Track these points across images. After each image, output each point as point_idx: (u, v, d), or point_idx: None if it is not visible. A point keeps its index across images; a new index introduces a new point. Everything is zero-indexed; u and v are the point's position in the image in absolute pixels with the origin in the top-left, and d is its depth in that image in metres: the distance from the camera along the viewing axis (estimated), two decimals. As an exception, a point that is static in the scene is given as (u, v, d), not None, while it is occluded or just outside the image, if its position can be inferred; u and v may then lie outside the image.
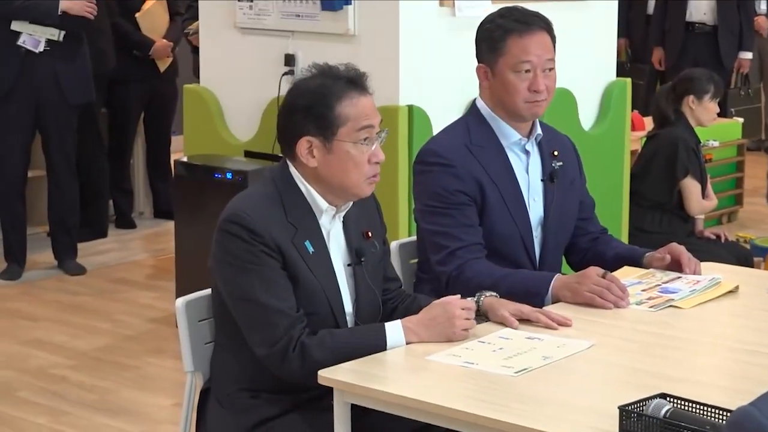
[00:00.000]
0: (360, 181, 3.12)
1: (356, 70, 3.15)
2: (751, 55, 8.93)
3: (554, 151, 3.80)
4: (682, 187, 6.04)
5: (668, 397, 2.54)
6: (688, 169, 6.02)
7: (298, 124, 3.10)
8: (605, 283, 3.40)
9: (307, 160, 3.11)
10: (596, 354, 3.03)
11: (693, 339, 3.21)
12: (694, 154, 6.06)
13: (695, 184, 6.06)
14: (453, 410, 2.69)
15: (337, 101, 3.08)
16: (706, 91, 6.10)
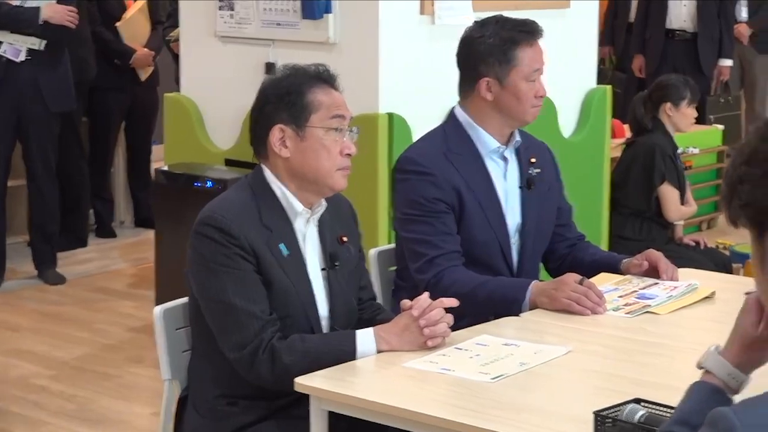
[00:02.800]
0: (332, 170, 3.14)
1: (327, 69, 3.21)
2: (731, 62, 8.96)
3: (532, 158, 3.82)
4: (660, 193, 6.06)
5: (643, 402, 2.55)
6: (665, 175, 6.04)
7: (271, 114, 3.15)
8: (582, 290, 3.41)
9: (279, 150, 3.13)
10: (573, 360, 3.04)
11: (669, 345, 3.23)
12: (672, 160, 6.08)
13: (673, 191, 6.08)
14: (430, 417, 2.69)
15: (308, 89, 3.14)
16: (682, 97, 6.12)
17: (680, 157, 6.37)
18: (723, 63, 8.88)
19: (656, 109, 6.15)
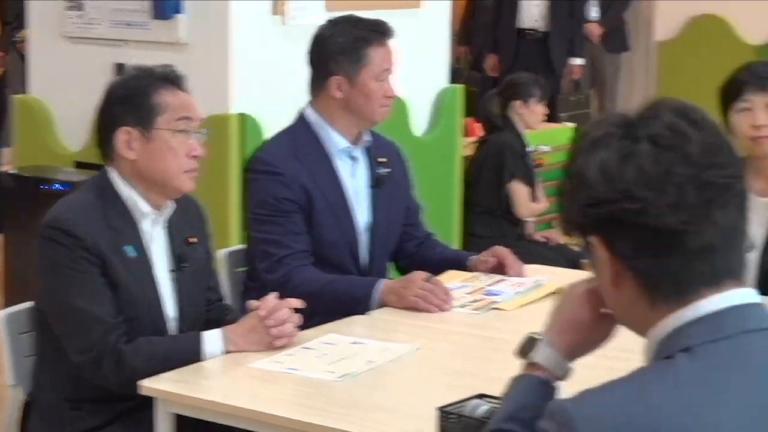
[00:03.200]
0: (179, 172, 3.11)
1: (173, 70, 3.20)
2: (582, 61, 9.09)
3: (381, 157, 3.84)
4: (510, 190, 6.14)
5: (486, 397, 2.58)
6: (514, 173, 6.12)
7: (117, 116, 3.12)
8: (429, 287, 3.44)
9: (125, 153, 3.10)
10: (420, 357, 3.07)
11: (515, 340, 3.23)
12: (521, 158, 6.16)
13: (522, 188, 6.16)
14: (277, 417, 2.69)
15: (155, 91, 3.11)
16: (532, 95, 6.21)
17: (531, 155, 6.45)
18: (574, 62, 9.00)
19: (506, 107, 6.23)
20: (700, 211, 1.67)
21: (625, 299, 1.75)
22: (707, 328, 1.68)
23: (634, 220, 1.68)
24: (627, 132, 1.71)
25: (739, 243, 1.73)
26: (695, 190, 1.67)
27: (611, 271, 1.73)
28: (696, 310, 1.69)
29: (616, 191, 1.68)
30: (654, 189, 1.67)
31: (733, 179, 1.71)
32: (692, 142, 1.69)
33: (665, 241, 1.68)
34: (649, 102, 1.77)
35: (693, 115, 1.73)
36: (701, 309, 1.69)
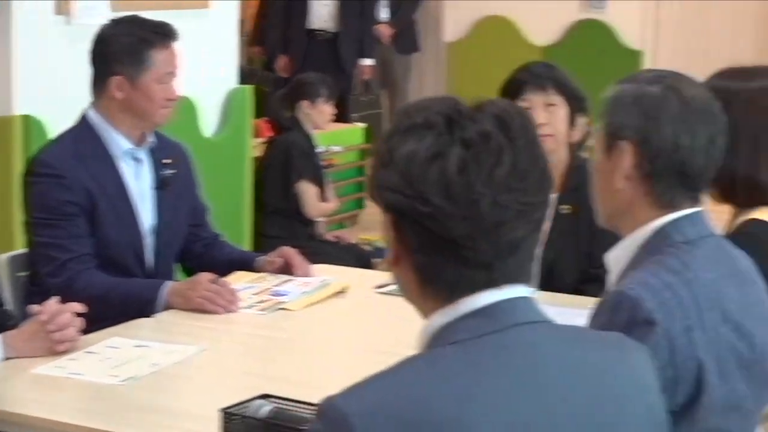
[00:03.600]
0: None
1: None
2: (372, 61, 9.16)
3: (166, 158, 3.81)
4: (298, 191, 6.16)
5: (270, 397, 2.60)
6: (301, 173, 6.14)
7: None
8: (216, 289, 3.44)
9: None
10: (206, 359, 3.06)
11: (302, 340, 3.30)
12: (309, 158, 6.19)
13: (311, 188, 6.19)
14: (59, 423, 2.66)
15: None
16: (319, 95, 6.24)
17: (320, 155, 6.49)
18: (364, 62, 9.07)
19: (294, 107, 6.26)
20: (488, 230, 1.69)
21: (403, 281, 1.78)
22: (476, 322, 1.71)
23: (422, 221, 1.70)
24: (446, 127, 1.71)
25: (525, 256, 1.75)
26: (490, 210, 1.68)
27: (394, 251, 1.76)
28: (466, 305, 1.72)
29: (413, 190, 1.69)
30: (449, 199, 1.68)
31: (531, 207, 1.72)
32: (502, 162, 1.69)
33: (446, 248, 1.70)
34: (479, 99, 1.76)
35: (514, 128, 1.72)
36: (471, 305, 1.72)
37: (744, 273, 2.38)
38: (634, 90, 2.36)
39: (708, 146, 2.33)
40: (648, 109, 2.32)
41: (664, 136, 2.31)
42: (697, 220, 2.35)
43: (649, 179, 2.33)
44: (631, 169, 2.34)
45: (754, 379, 2.33)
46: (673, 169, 2.32)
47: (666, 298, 2.21)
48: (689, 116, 2.32)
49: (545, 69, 3.93)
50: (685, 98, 2.33)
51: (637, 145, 2.33)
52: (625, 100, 2.36)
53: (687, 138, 2.31)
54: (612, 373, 1.79)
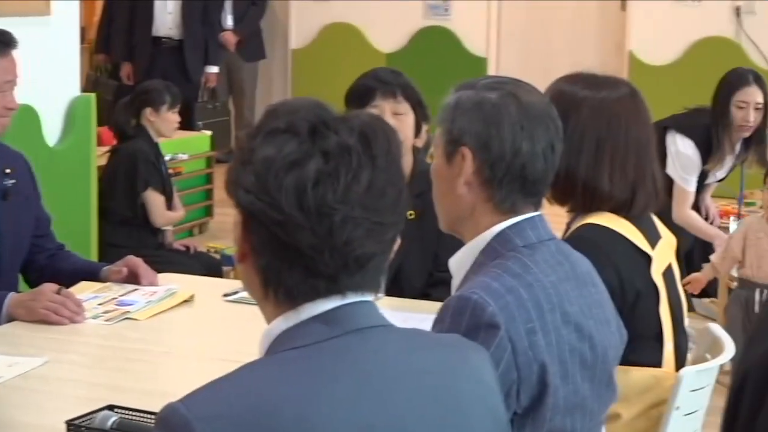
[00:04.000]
0: None
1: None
2: (217, 69, 9.14)
3: (7, 168, 3.76)
4: (145, 199, 6.10)
5: (117, 408, 2.58)
6: (148, 181, 6.09)
7: None
8: (60, 299, 3.39)
9: None
10: (50, 370, 3.01)
11: (148, 350, 3.27)
12: (154, 166, 6.13)
13: (157, 196, 6.13)
14: None
15: None
16: (163, 102, 6.19)
17: (166, 163, 6.44)
18: (209, 70, 9.04)
19: (138, 114, 6.20)
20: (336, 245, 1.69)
21: (247, 279, 1.78)
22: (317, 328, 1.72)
23: (270, 227, 1.70)
24: (309, 136, 1.70)
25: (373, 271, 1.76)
26: (341, 225, 1.69)
27: (240, 249, 1.76)
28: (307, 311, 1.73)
29: (267, 195, 1.69)
30: (302, 210, 1.68)
31: (384, 226, 1.74)
32: (359, 179, 1.69)
33: (292, 256, 1.70)
34: (348, 111, 1.77)
35: (376, 145, 1.73)
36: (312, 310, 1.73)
37: (583, 275, 2.43)
38: (473, 96, 2.39)
39: (547, 152, 2.37)
40: (487, 116, 2.36)
41: (503, 142, 2.35)
42: (537, 224, 2.39)
43: (489, 185, 2.37)
44: (472, 174, 2.38)
45: (597, 380, 2.38)
46: (513, 175, 2.36)
47: (508, 301, 2.25)
48: (528, 122, 2.36)
49: (393, 75, 3.95)
50: (523, 104, 2.37)
51: (477, 151, 2.36)
52: (464, 107, 2.39)
53: (527, 144, 2.35)
54: (454, 375, 1.82)
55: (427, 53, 10.19)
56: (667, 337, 2.97)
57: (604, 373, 2.41)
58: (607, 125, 2.97)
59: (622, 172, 2.97)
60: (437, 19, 10.32)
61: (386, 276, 3.71)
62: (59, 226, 4.04)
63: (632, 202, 2.98)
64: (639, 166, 2.99)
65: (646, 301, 2.94)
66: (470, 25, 10.24)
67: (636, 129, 3.00)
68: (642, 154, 3.00)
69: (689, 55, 9.48)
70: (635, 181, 2.98)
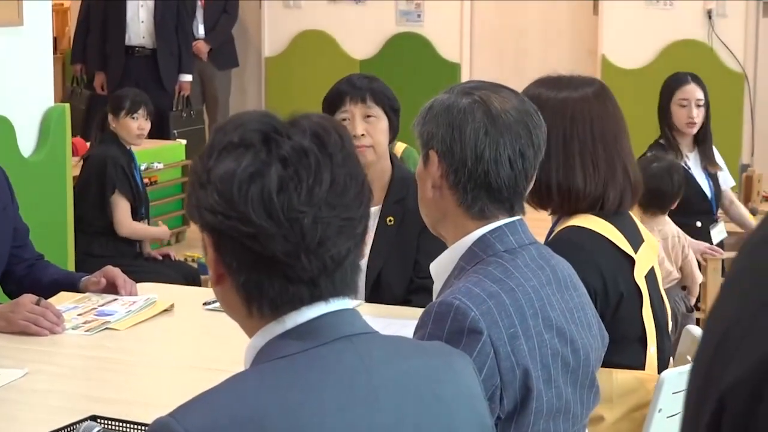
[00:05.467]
0: None
1: None
2: (190, 77, 9.11)
3: (-17, 181, 3.75)
4: (112, 204, 6.03)
5: (99, 418, 2.57)
6: (114, 185, 6.02)
7: None
8: (39, 310, 3.38)
9: None
10: (30, 382, 3.00)
11: (129, 360, 3.26)
12: (124, 171, 6.07)
13: (123, 202, 6.04)
14: None
15: None
16: (121, 108, 6.13)
17: (140, 172, 6.39)
18: (183, 78, 9.02)
19: (104, 121, 6.19)
20: (310, 248, 1.69)
21: (227, 300, 1.77)
22: (302, 337, 1.71)
23: (243, 241, 1.69)
24: (263, 145, 1.69)
25: (350, 270, 1.75)
26: (311, 227, 1.68)
27: (215, 272, 1.74)
28: (291, 320, 1.72)
29: (234, 210, 1.68)
30: (270, 218, 1.67)
31: (352, 221, 1.73)
32: (321, 179, 1.69)
33: (269, 267, 1.69)
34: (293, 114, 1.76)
35: (330, 143, 1.72)
36: (296, 320, 1.72)
37: (564, 279, 2.44)
38: (445, 101, 2.40)
39: (515, 159, 2.36)
40: (453, 120, 2.37)
41: (465, 147, 2.35)
42: (517, 229, 2.40)
43: (455, 189, 2.38)
44: (439, 178, 2.39)
45: (580, 384, 2.39)
46: (477, 181, 2.36)
47: (490, 306, 2.26)
48: (493, 128, 2.35)
49: (366, 81, 3.96)
50: (491, 111, 2.37)
51: (442, 155, 2.37)
52: (435, 111, 2.40)
53: (490, 150, 2.35)
54: (439, 381, 1.82)
55: (401, 59, 10.20)
56: (650, 340, 2.99)
57: (587, 376, 2.42)
58: (571, 123, 2.99)
59: (595, 167, 2.98)
60: (410, 26, 10.33)
61: (367, 282, 3.76)
62: (36, 236, 4.03)
63: (603, 197, 2.99)
64: (608, 161, 3.01)
65: (629, 303, 2.95)
66: (443, 31, 10.26)
67: (601, 124, 3.02)
68: (610, 149, 3.02)
69: (661, 58, 9.52)
70: (605, 176, 2.99)
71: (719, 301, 1.08)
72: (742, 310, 1.04)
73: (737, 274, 1.08)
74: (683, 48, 9.43)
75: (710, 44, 9.38)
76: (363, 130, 3.83)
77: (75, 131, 6.51)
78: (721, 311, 1.08)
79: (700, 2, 9.39)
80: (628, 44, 9.64)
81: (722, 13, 9.35)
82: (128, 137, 6.15)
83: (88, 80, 9.18)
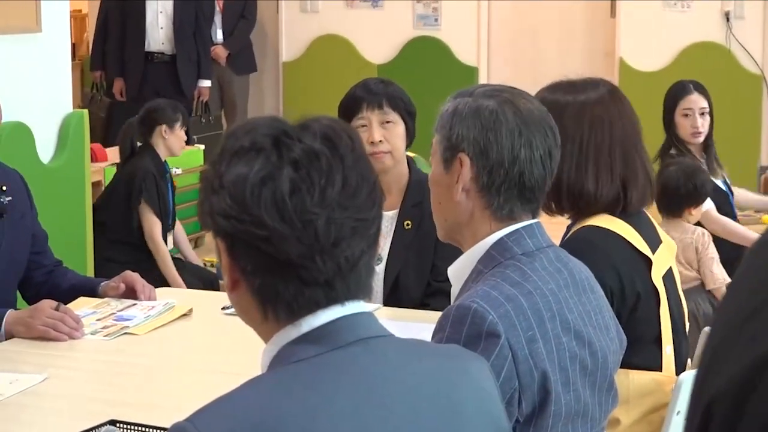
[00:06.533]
0: None
1: None
2: (209, 83, 9.14)
3: (2, 186, 3.76)
4: (140, 214, 6.07)
5: (119, 423, 2.58)
6: (144, 197, 6.06)
7: None
8: (59, 316, 3.39)
9: None
10: (50, 387, 3.02)
11: (148, 364, 3.27)
12: (155, 182, 6.10)
13: (152, 214, 6.10)
14: None
15: None
16: (176, 120, 6.19)
17: (172, 184, 6.42)
18: (202, 84, 9.04)
19: (150, 132, 6.20)
20: (324, 249, 1.69)
21: (242, 305, 1.77)
22: (318, 340, 1.72)
23: (257, 244, 1.69)
24: (274, 149, 1.70)
25: (364, 272, 1.75)
26: (324, 229, 1.68)
27: (230, 277, 1.75)
28: (308, 324, 1.73)
29: (247, 214, 1.68)
30: (284, 221, 1.67)
31: (365, 222, 1.73)
32: (333, 181, 1.69)
33: (284, 270, 1.70)
34: (303, 118, 1.76)
35: (341, 145, 1.73)
36: (312, 323, 1.73)
37: (582, 282, 2.44)
38: (471, 103, 2.40)
39: (545, 158, 2.38)
40: (485, 122, 2.37)
41: (502, 148, 2.36)
42: (534, 232, 2.40)
43: (487, 191, 2.38)
44: (470, 181, 2.38)
45: (598, 386, 2.39)
46: (512, 182, 2.37)
47: (508, 309, 2.25)
48: (526, 129, 2.36)
49: (382, 86, 3.95)
50: (521, 112, 2.38)
51: (475, 157, 2.37)
52: (462, 113, 2.40)
53: (525, 150, 2.36)
54: (455, 384, 1.82)
55: (418, 63, 10.20)
56: (667, 341, 2.98)
57: (605, 379, 2.42)
58: (590, 127, 2.99)
59: (609, 171, 2.98)
60: (427, 30, 10.33)
61: (384, 285, 3.76)
62: (54, 242, 4.04)
63: (625, 198, 2.99)
64: (627, 163, 3.01)
65: (646, 303, 2.95)
66: (460, 35, 10.26)
67: (620, 126, 3.02)
68: (628, 150, 3.02)
69: (679, 60, 9.50)
70: (625, 177, 2.99)
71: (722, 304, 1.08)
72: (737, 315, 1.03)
73: (738, 277, 1.07)
74: (701, 50, 9.41)
75: (728, 46, 9.35)
76: (381, 136, 3.84)
77: (94, 137, 6.53)
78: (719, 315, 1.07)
79: (718, 4, 9.36)
80: (645, 46, 9.61)
81: (740, 14, 9.32)
82: (178, 148, 6.20)
83: (108, 87, 9.22)
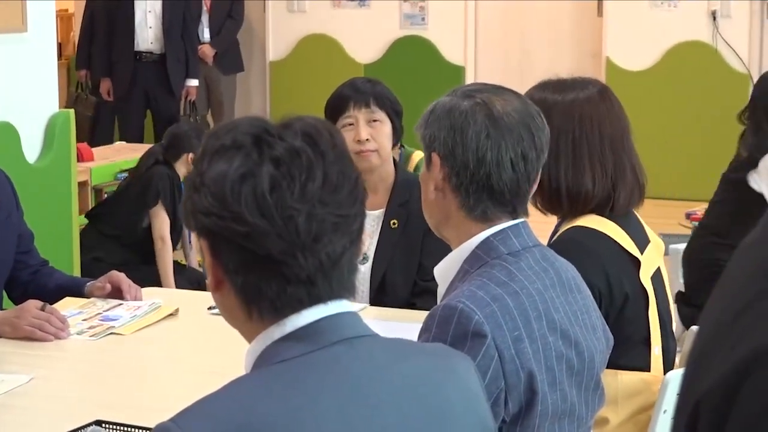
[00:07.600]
0: None
1: None
2: (197, 82, 9.14)
3: (-10, 186, 3.75)
4: (152, 215, 6.10)
5: (104, 423, 2.58)
6: (157, 197, 6.08)
7: None
8: (44, 316, 3.38)
9: None
10: (36, 387, 3.01)
11: (134, 365, 3.27)
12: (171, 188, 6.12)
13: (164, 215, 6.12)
14: None
15: None
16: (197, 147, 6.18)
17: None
18: (190, 83, 9.04)
19: (175, 158, 6.21)
20: (306, 245, 1.69)
21: (226, 305, 1.77)
22: (302, 340, 1.71)
23: (239, 241, 1.69)
24: (254, 147, 1.70)
25: (346, 269, 1.75)
26: (305, 224, 1.68)
27: (213, 277, 1.75)
28: (291, 323, 1.72)
29: (228, 210, 1.68)
30: (264, 217, 1.67)
31: (347, 218, 1.73)
32: (313, 176, 1.69)
33: (266, 267, 1.70)
34: (285, 117, 1.76)
35: (322, 142, 1.73)
36: (296, 323, 1.72)
37: (568, 281, 2.44)
38: (447, 103, 2.40)
39: (516, 161, 2.36)
40: (454, 123, 2.37)
41: (467, 150, 2.35)
42: (520, 231, 2.40)
43: (458, 192, 2.38)
44: (441, 181, 2.39)
45: (585, 386, 2.39)
46: (479, 183, 2.36)
47: (494, 309, 2.25)
48: (495, 131, 2.35)
49: (369, 85, 3.96)
50: (493, 113, 2.36)
51: (444, 158, 2.38)
52: (437, 114, 2.40)
53: (492, 153, 2.35)
54: (441, 384, 1.82)
55: (405, 63, 10.21)
56: (655, 341, 2.98)
57: (591, 378, 2.42)
58: (580, 126, 2.99)
59: (603, 170, 2.98)
60: (414, 29, 10.34)
61: (370, 285, 3.76)
62: (40, 242, 4.03)
63: (614, 198, 2.99)
64: (617, 162, 3.01)
65: (634, 304, 2.95)
66: (447, 34, 10.27)
67: (608, 125, 3.02)
68: (617, 149, 3.02)
69: (666, 60, 9.51)
70: (615, 177, 3.00)
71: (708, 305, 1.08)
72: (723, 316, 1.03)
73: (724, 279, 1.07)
74: (688, 49, 9.42)
75: (714, 45, 9.37)
76: (368, 135, 3.84)
77: (80, 137, 6.51)
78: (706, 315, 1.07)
79: (705, 3, 9.39)
80: (632, 46, 9.63)
81: (726, 14, 9.35)
82: None
83: (93, 86, 9.20)
